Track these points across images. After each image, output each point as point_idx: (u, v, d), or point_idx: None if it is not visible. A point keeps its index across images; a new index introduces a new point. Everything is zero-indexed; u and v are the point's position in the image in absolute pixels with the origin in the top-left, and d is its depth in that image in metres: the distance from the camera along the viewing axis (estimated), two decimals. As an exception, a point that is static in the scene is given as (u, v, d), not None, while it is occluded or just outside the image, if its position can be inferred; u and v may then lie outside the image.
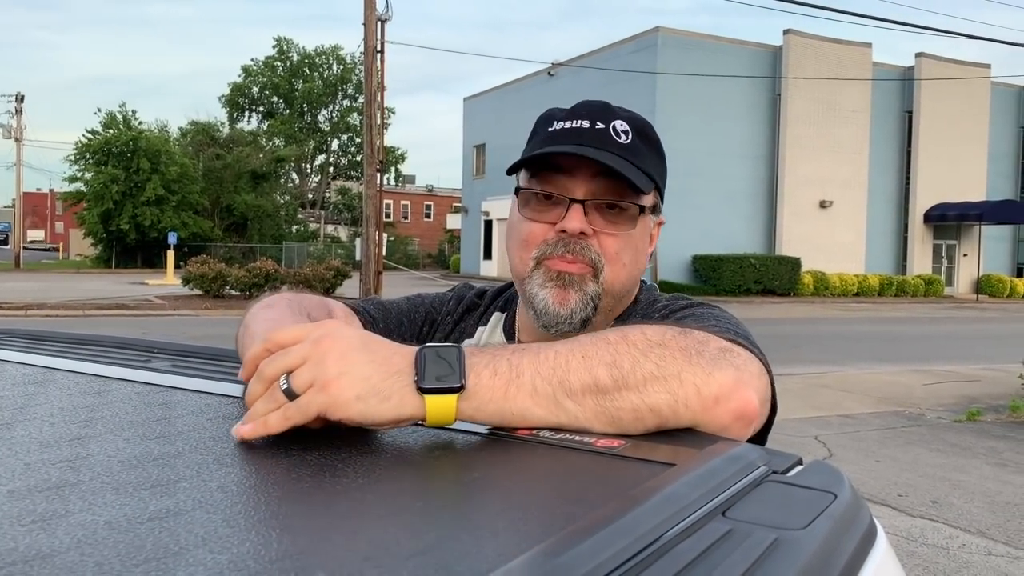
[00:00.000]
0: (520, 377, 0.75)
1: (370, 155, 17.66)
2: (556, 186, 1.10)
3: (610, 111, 1.12)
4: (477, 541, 0.50)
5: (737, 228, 27.00)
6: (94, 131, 38.32)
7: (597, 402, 0.74)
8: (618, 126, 1.11)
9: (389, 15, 17.87)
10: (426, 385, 0.72)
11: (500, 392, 0.74)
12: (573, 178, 1.09)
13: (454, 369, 0.73)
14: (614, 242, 1.10)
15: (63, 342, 1.35)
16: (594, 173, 1.08)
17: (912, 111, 29.86)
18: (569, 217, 1.07)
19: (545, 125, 1.15)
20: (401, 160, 60.44)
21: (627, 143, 1.10)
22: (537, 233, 1.11)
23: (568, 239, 1.08)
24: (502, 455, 0.70)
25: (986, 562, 3.91)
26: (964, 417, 7.37)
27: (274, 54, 56.15)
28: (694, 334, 0.81)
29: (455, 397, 0.72)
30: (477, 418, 0.74)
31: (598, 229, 1.09)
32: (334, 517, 0.53)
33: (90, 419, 0.77)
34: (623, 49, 27.15)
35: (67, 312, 15.68)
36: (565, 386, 0.74)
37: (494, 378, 0.74)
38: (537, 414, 0.74)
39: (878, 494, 4.93)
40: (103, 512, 0.52)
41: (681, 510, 0.54)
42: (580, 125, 1.10)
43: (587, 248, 1.08)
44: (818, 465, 0.68)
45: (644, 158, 1.11)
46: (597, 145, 1.08)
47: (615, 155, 1.07)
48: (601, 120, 1.10)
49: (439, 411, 0.72)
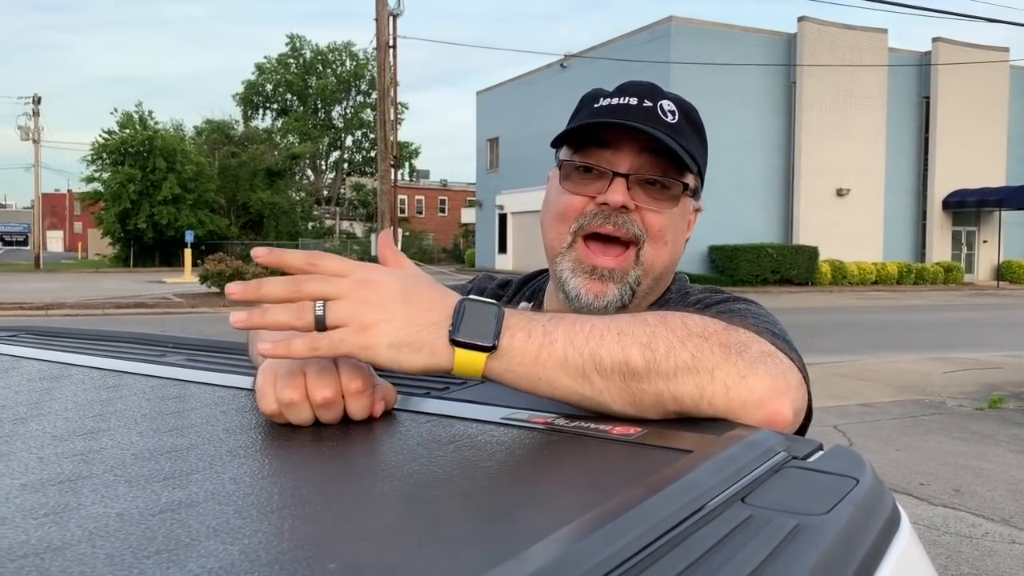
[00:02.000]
0: (553, 344, 0.74)
1: (384, 151, 17.69)
2: (600, 160, 1.08)
3: (658, 91, 1.12)
4: (493, 529, 0.49)
5: (753, 218, 26.83)
6: (110, 131, 38.58)
7: (624, 381, 0.74)
8: (665, 106, 1.10)
9: (401, 10, 17.89)
10: (459, 338, 0.72)
11: (531, 356, 0.74)
12: (617, 152, 1.08)
13: (490, 327, 0.73)
14: (657, 219, 1.08)
15: (79, 338, 1.35)
16: (640, 149, 1.07)
17: (929, 96, 29.54)
18: (612, 190, 1.06)
19: (591, 102, 1.14)
20: (415, 155, 60.48)
21: (674, 123, 1.09)
22: (576, 205, 1.09)
23: (609, 212, 1.06)
24: (517, 444, 0.69)
25: (1010, 550, 3.88)
26: (986, 405, 7.30)
27: (287, 51, 56.28)
28: (738, 332, 0.79)
29: (484, 356, 0.73)
30: (505, 378, 0.75)
31: (641, 205, 1.07)
32: (347, 507, 0.53)
33: (104, 413, 0.77)
34: (636, 39, 27.03)
35: (86, 311, 15.82)
36: (596, 360, 0.74)
37: (527, 342, 0.74)
38: (564, 383, 0.74)
39: (899, 483, 4.89)
40: (115, 504, 0.52)
41: (699, 496, 0.53)
42: (628, 102, 1.09)
43: (629, 222, 1.07)
44: (839, 450, 0.67)
45: (689, 139, 1.11)
46: (644, 122, 1.07)
47: (663, 133, 1.06)
48: (649, 99, 1.10)
49: (467, 365, 0.73)
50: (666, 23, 25.92)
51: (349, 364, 0.74)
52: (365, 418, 0.74)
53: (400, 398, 0.80)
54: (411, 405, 0.80)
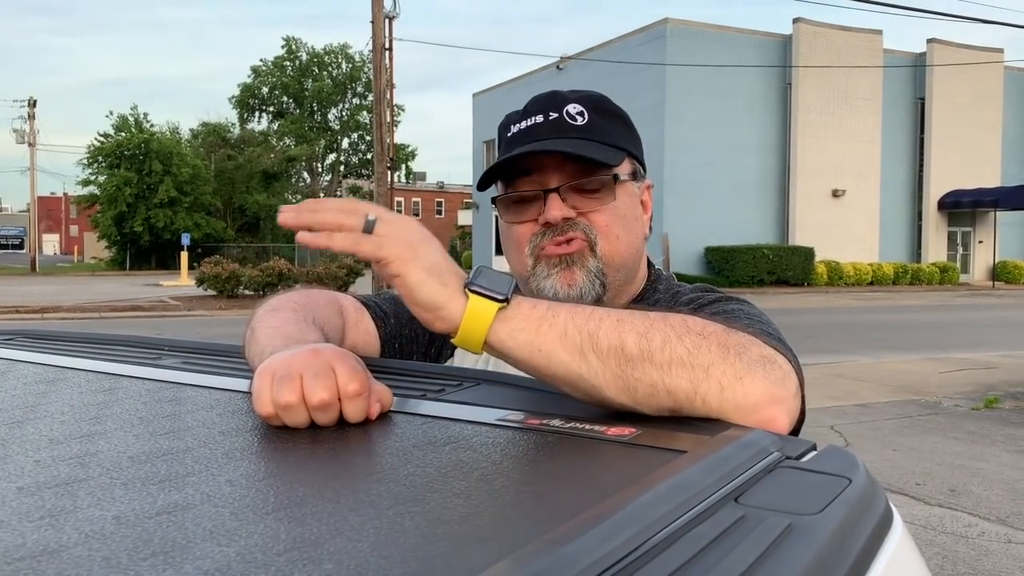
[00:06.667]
0: (555, 317, 0.78)
1: (380, 153, 17.69)
2: (529, 184, 1.12)
3: (560, 98, 1.14)
4: (489, 530, 0.49)
5: (749, 219, 26.85)
6: (106, 134, 38.59)
7: (619, 365, 0.75)
8: (571, 110, 1.13)
9: (397, 13, 17.90)
10: (475, 287, 0.77)
11: (534, 324, 0.77)
12: (542, 173, 1.11)
13: (504, 285, 0.78)
14: (600, 216, 1.11)
15: (74, 341, 1.35)
16: (560, 162, 1.10)
17: (924, 97, 29.59)
18: (549, 207, 1.09)
19: (504, 131, 1.17)
20: (411, 157, 60.38)
21: (584, 124, 1.12)
22: (525, 232, 1.13)
23: (554, 227, 1.09)
24: (513, 445, 0.69)
25: (1006, 550, 3.88)
26: (982, 405, 7.31)
27: (283, 54, 56.16)
28: (738, 335, 0.80)
29: (495, 308, 0.77)
30: (507, 344, 0.78)
31: (582, 209, 1.10)
32: (343, 509, 0.53)
33: (100, 416, 0.77)
34: (632, 41, 27.03)
35: (83, 314, 15.79)
36: (594, 339, 0.76)
37: (532, 309, 0.78)
38: (562, 357, 0.77)
39: (896, 483, 4.90)
40: (111, 507, 0.52)
41: (693, 496, 0.53)
42: (534, 122, 1.12)
43: (576, 227, 1.10)
44: (832, 450, 0.67)
45: (605, 131, 1.13)
46: (555, 135, 1.10)
47: (574, 139, 1.09)
48: (553, 110, 1.12)
49: (477, 315, 0.77)
50: (662, 25, 25.93)
51: (346, 367, 0.74)
52: (361, 420, 0.74)
53: (396, 400, 0.80)
54: (407, 407, 0.80)
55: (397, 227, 0.78)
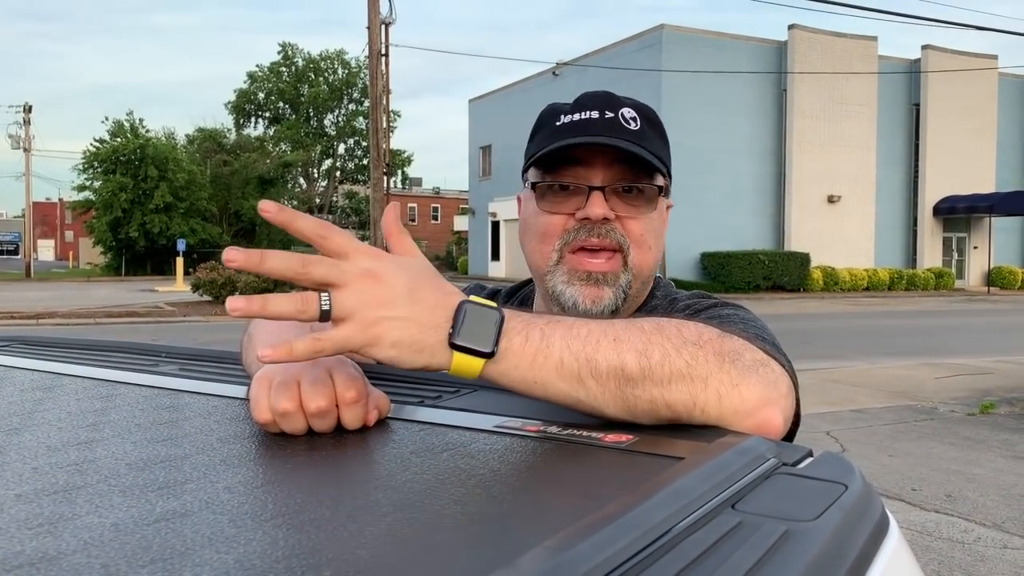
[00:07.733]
0: (549, 348, 0.75)
1: (376, 158, 17.69)
2: (574, 176, 1.10)
3: (616, 100, 1.13)
4: (486, 537, 0.50)
5: (745, 224, 26.91)
6: (102, 140, 38.52)
7: (619, 387, 0.75)
8: (626, 113, 1.12)
9: (393, 18, 17.92)
10: (458, 342, 0.73)
11: (527, 360, 0.75)
12: (589, 168, 1.09)
13: (490, 332, 0.74)
14: (638, 225, 1.10)
15: (71, 348, 1.35)
16: (610, 161, 1.09)
17: (919, 104, 29.70)
18: (591, 203, 1.08)
19: (551, 119, 1.15)
20: (408, 163, 60.49)
21: (636, 129, 1.11)
22: (557, 224, 1.11)
23: (591, 225, 1.08)
24: (510, 452, 0.69)
25: (1002, 555, 3.89)
26: (977, 410, 7.32)
27: (279, 60, 56.28)
28: (732, 340, 0.80)
29: (481, 363, 0.74)
30: (500, 381, 0.76)
31: (620, 214, 1.09)
32: (341, 516, 0.53)
33: (97, 423, 0.77)
34: (628, 47, 27.11)
35: (78, 320, 15.74)
36: (592, 364, 0.75)
37: (524, 345, 0.75)
38: (559, 387, 0.75)
39: (892, 488, 4.91)
40: (110, 514, 0.52)
41: (690, 503, 0.53)
42: (589, 116, 1.11)
43: (612, 231, 1.09)
44: (829, 457, 0.67)
45: (653, 142, 1.12)
46: (609, 134, 1.08)
47: (629, 141, 1.08)
48: (609, 109, 1.11)
49: (464, 368, 0.74)
50: (658, 31, 26.01)
51: (344, 373, 0.74)
52: (359, 427, 0.74)
53: (393, 407, 0.80)
54: (404, 414, 0.80)
55: (353, 299, 0.70)
